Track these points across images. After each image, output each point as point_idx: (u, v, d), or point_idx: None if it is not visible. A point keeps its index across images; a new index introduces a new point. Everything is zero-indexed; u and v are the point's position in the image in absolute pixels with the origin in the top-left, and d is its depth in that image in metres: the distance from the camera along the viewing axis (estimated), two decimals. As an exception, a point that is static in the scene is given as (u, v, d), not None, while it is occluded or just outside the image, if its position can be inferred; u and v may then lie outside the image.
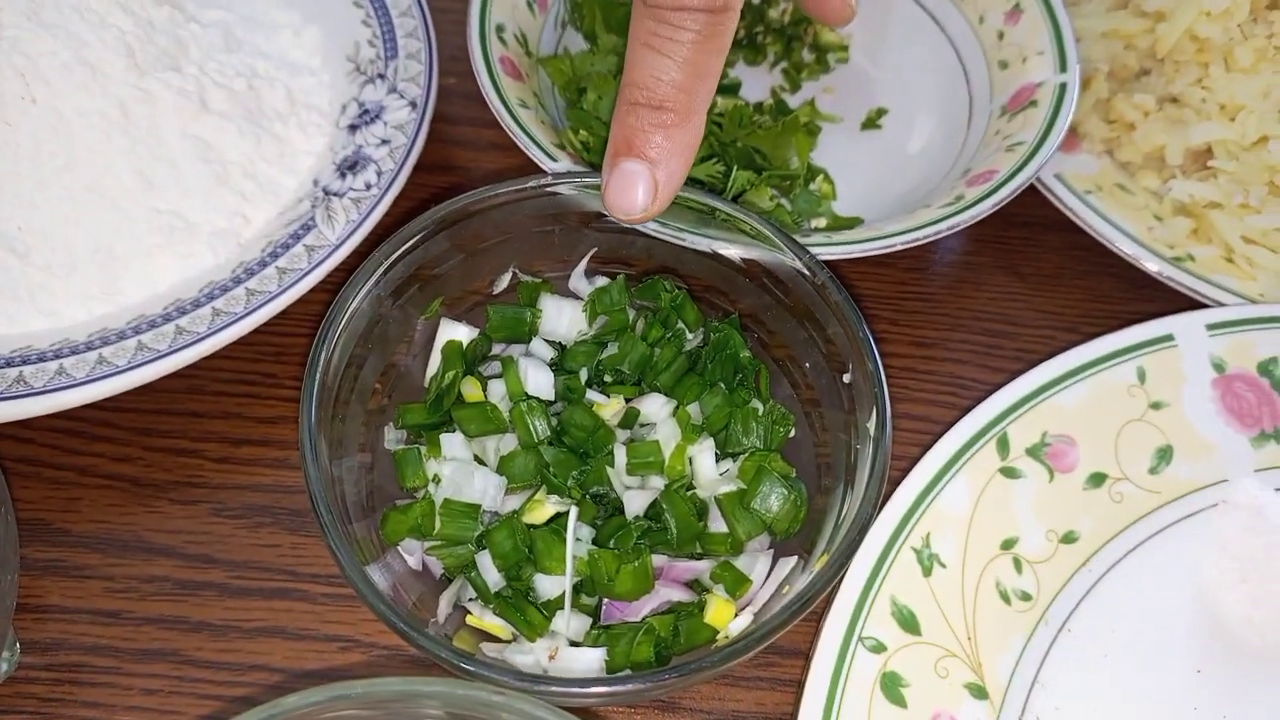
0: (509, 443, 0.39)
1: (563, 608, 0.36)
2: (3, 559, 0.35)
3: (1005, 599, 0.39)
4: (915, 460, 0.40)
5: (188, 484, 0.45)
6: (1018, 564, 0.40)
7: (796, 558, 0.38)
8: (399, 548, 0.38)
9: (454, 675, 0.32)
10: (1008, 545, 0.40)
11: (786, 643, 0.40)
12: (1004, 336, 0.50)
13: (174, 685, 0.40)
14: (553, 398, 0.40)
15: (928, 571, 0.39)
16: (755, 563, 0.38)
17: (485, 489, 0.38)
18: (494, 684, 0.30)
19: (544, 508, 0.37)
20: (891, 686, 0.37)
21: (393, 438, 0.40)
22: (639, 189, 0.37)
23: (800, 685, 0.36)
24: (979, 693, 0.37)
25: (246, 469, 0.46)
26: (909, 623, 0.38)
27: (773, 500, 0.37)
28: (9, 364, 0.42)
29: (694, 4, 0.35)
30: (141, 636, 0.41)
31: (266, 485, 0.45)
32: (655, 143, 0.37)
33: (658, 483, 0.39)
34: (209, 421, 0.47)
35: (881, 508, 0.38)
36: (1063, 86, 0.49)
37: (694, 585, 0.38)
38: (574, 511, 0.36)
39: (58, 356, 0.43)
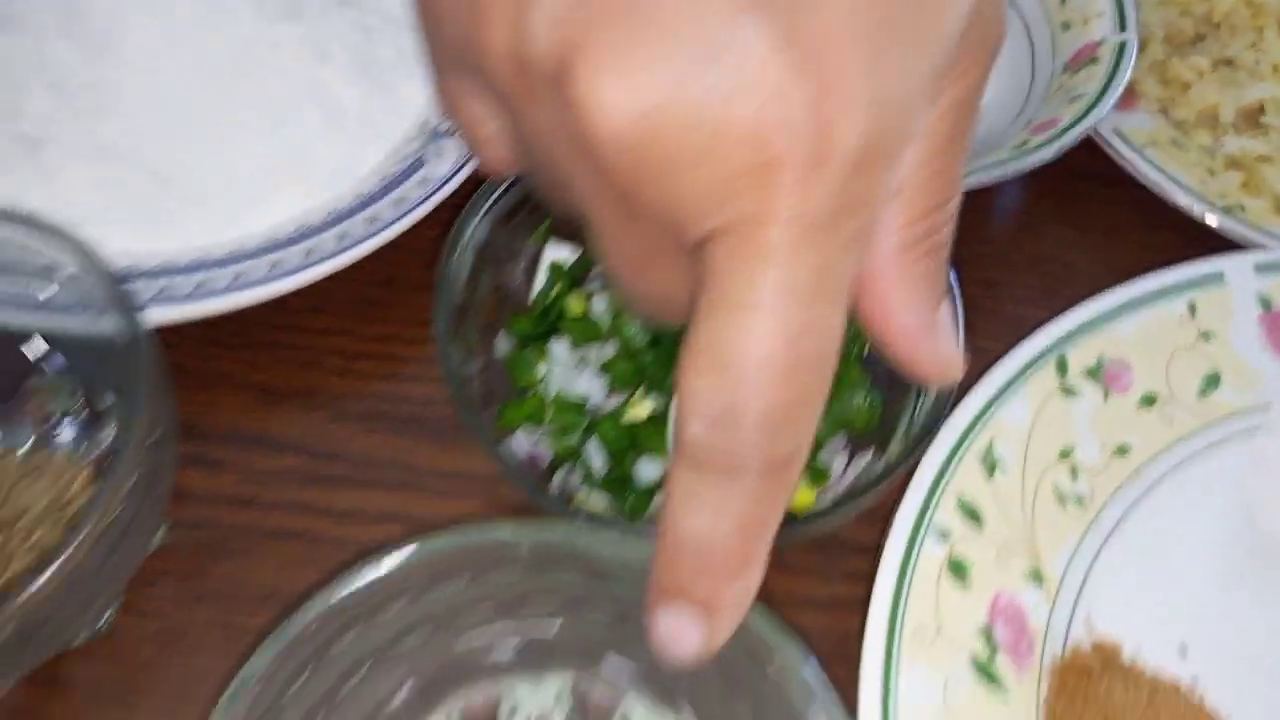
0: (609, 350, 0.44)
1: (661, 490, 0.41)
2: (166, 436, 0.39)
3: (1061, 502, 0.43)
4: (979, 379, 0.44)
5: (311, 392, 0.50)
6: (1073, 471, 0.44)
7: (872, 452, 0.42)
8: (510, 442, 0.43)
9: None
10: (1064, 455, 0.44)
11: (855, 539, 0.44)
12: (1063, 281, 0.54)
13: (305, 557, 0.45)
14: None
15: (990, 474, 0.43)
16: (834, 458, 0.42)
17: (590, 389, 0.42)
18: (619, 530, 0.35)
19: (644, 404, 0.41)
20: (957, 569, 0.40)
21: (504, 346, 0.45)
22: (688, 640, 0.29)
23: (870, 576, 0.40)
24: (1037, 579, 0.41)
25: (363, 381, 0.50)
26: (973, 516, 0.42)
27: (851, 403, 0.41)
28: (154, 275, 0.47)
29: (749, 464, 0.26)
30: (272, 520, 0.46)
31: (383, 394, 0.50)
32: (705, 594, 0.28)
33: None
34: (328, 338, 0.52)
35: (950, 411, 0.42)
36: (1122, 44, 0.53)
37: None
38: (675, 399, 0.40)
39: (200, 268, 0.48)
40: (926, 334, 0.28)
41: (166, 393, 0.40)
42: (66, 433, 0.46)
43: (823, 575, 0.44)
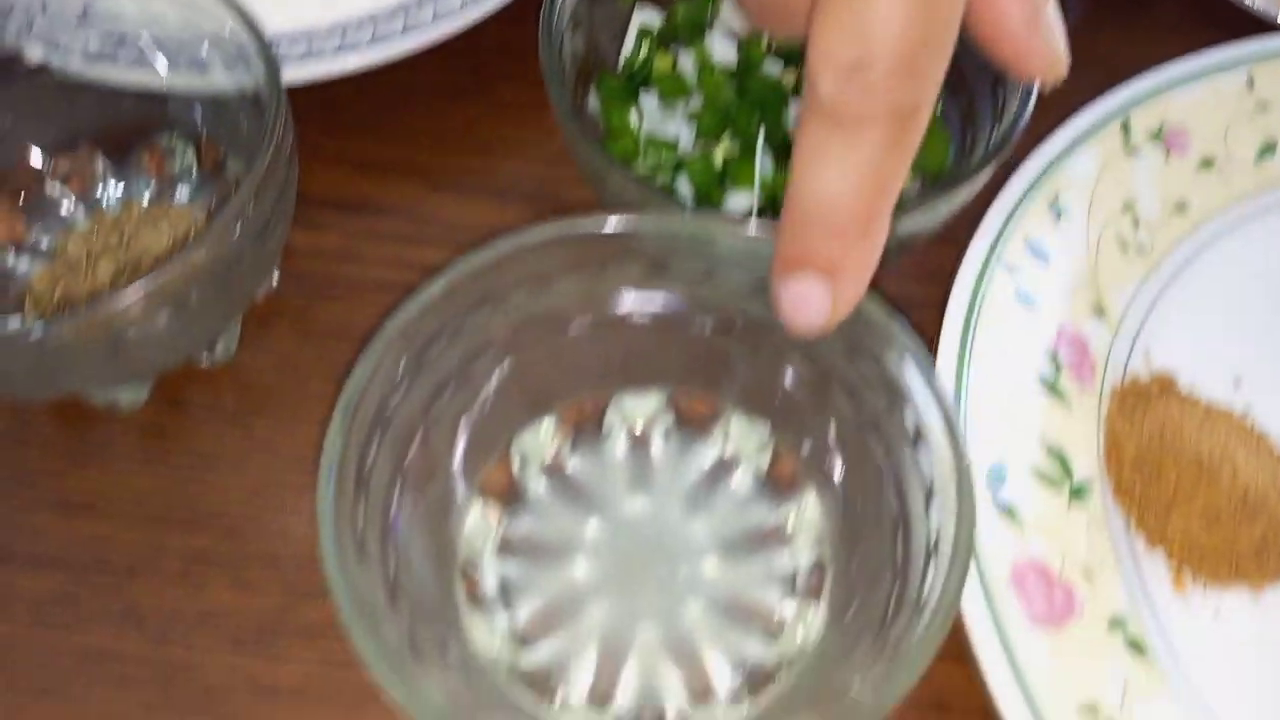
0: (696, 103, 0.46)
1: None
2: (287, 183, 0.42)
3: (1124, 249, 0.46)
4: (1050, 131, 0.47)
5: (405, 165, 0.53)
6: (1135, 223, 0.46)
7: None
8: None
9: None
10: (1127, 208, 0.47)
11: (924, 270, 0.47)
12: (1124, 76, 0.56)
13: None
14: (734, 67, 0.47)
15: (1056, 219, 0.45)
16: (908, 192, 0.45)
17: (679, 133, 0.45)
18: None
19: (730, 145, 0.44)
20: (1024, 298, 0.43)
21: (595, 102, 0.48)
22: (815, 307, 0.31)
23: (946, 279, 0.43)
24: (1099, 313, 0.44)
25: (456, 156, 0.53)
26: (1039, 253, 0.44)
27: (926, 144, 0.44)
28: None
29: (878, 112, 0.28)
30: (373, 273, 0.49)
31: (475, 168, 0.53)
32: (831, 257, 0.30)
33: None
34: (420, 119, 0.55)
35: (1021, 159, 0.45)
36: None
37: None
38: (762, 131, 0.43)
39: (305, 40, 0.50)
40: (1035, 29, 0.29)
41: (290, 145, 0.43)
42: (184, 190, 0.49)
43: (900, 280, 0.47)
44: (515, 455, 0.40)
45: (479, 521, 0.38)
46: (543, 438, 0.41)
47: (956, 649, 0.38)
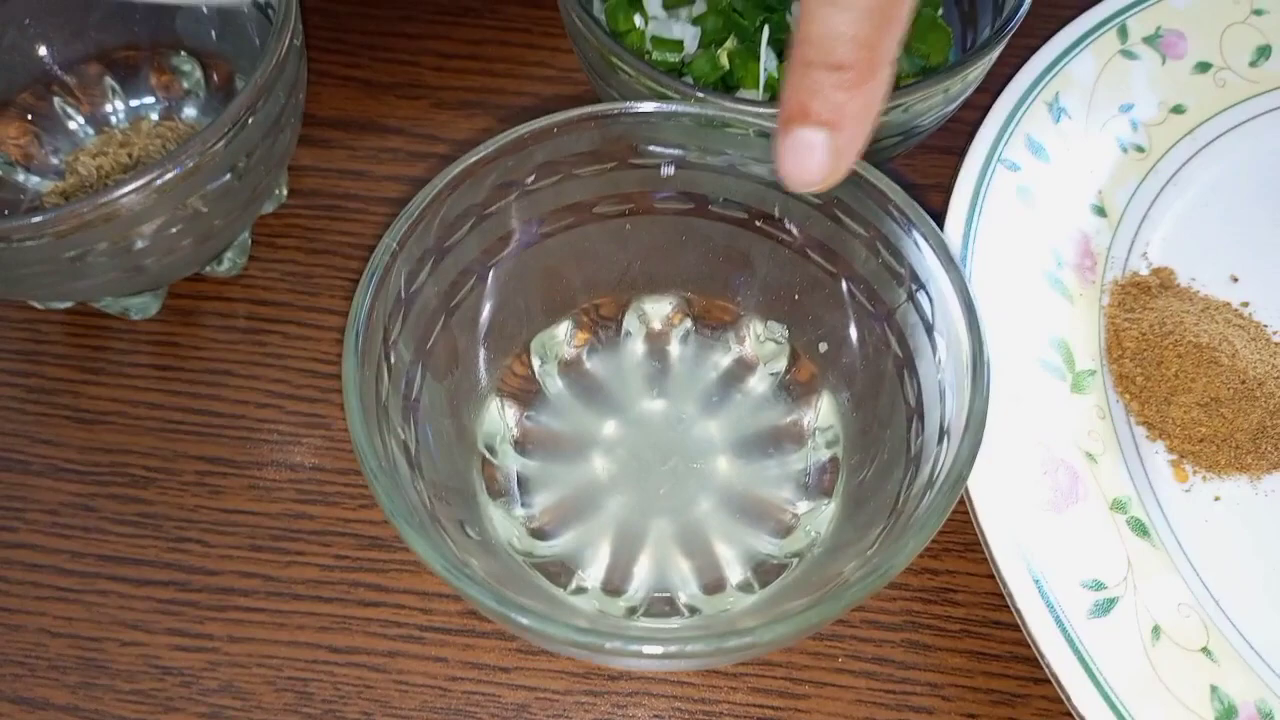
0: (699, 7, 0.47)
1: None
2: (298, 81, 0.42)
3: (1122, 149, 0.46)
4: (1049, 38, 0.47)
5: (410, 85, 0.53)
6: (1133, 124, 0.47)
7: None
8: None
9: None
10: (1125, 109, 0.47)
11: (928, 179, 0.48)
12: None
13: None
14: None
15: (1056, 119, 0.46)
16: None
17: (684, 34, 0.45)
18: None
19: (733, 43, 0.45)
20: (1025, 196, 0.44)
21: (600, 8, 0.48)
22: (815, 159, 0.31)
23: (948, 190, 0.43)
24: (1100, 212, 0.45)
25: (458, 75, 0.54)
26: (1040, 152, 0.45)
27: (928, 38, 0.44)
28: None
29: None
30: (381, 188, 0.50)
31: (478, 86, 0.53)
32: (834, 104, 0.30)
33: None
34: (423, 41, 0.55)
35: (1021, 63, 0.46)
36: None
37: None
38: (765, 29, 0.43)
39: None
40: None
41: (300, 44, 0.43)
42: (193, 108, 0.49)
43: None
44: (535, 354, 0.41)
45: (497, 416, 0.39)
46: (562, 337, 0.41)
47: (964, 543, 0.38)
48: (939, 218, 0.41)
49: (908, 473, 0.34)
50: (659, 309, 0.42)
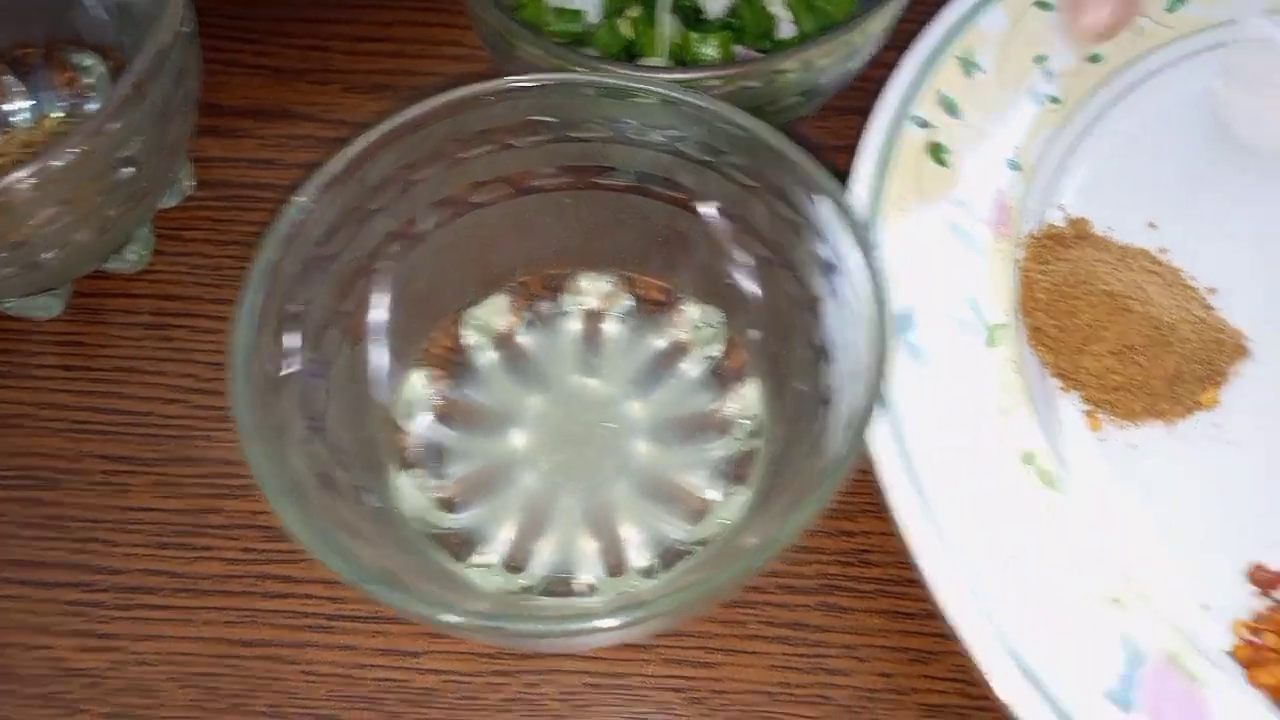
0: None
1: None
2: (187, 67, 0.41)
3: (1037, 101, 0.46)
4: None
5: (321, 70, 0.53)
6: (1048, 75, 0.46)
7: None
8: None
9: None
10: (1039, 60, 0.46)
11: (841, 140, 0.47)
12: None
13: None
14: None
15: (968, 74, 0.45)
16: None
17: (588, 3, 0.44)
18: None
19: (635, 9, 0.44)
20: (935, 152, 0.43)
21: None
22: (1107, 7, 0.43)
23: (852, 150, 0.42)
24: (1014, 166, 0.44)
25: (370, 59, 0.53)
26: (952, 108, 0.44)
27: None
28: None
29: None
30: (291, 176, 0.49)
31: (388, 70, 0.52)
32: None
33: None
34: (334, 26, 0.54)
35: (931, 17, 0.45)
36: None
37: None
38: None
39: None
40: None
41: (190, 27, 0.42)
42: (98, 104, 0.48)
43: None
44: (467, 326, 0.40)
45: (419, 386, 0.38)
46: (495, 311, 0.41)
47: (878, 505, 0.38)
48: (845, 179, 0.41)
49: (810, 458, 0.33)
50: (597, 287, 0.41)
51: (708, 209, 0.37)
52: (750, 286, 0.38)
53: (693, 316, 0.40)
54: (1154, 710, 0.33)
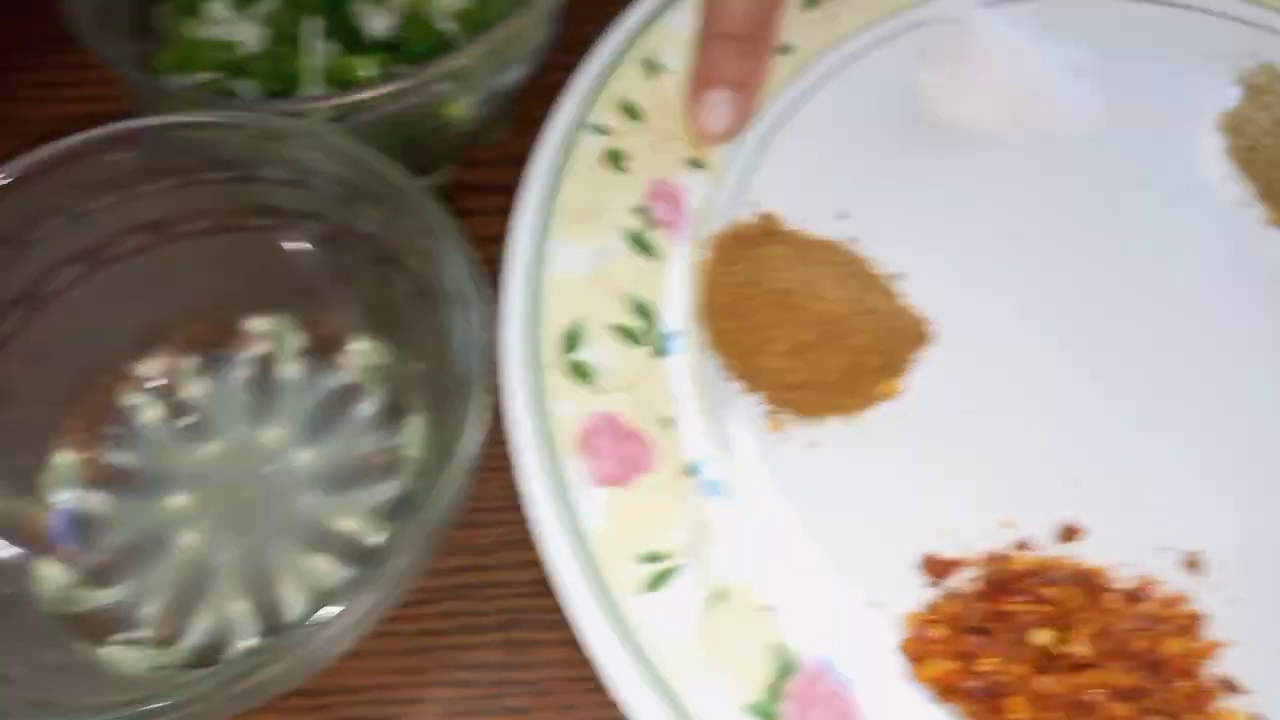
0: (269, 4, 0.44)
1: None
2: None
3: (726, 95, 0.45)
4: None
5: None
6: (738, 70, 0.45)
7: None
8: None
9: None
10: (729, 56, 0.45)
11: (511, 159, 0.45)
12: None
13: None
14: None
15: (653, 76, 0.44)
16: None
17: (251, 37, 0.43)
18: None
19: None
20: (615, 159, 0.42)
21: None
22: (726, 112, 0.42)
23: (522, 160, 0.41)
24: (698, 165, 0.43)
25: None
26: (634, 112, 0.43)
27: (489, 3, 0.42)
28: None
29: None
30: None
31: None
32: (740, 68, 0.43)
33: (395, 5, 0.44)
34: None
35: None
36: None
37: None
38: (315, 22, 0.41)
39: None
40: None
41: None
42: None
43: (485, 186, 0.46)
44: (124, 384, 0.39)
45: (68, 455, 0.37)
46: (156, 366, 0.39)
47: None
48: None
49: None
50: (265, 330, 0.40)
51: (354, 245, 0.36)
52: (404, 319, 0.37)
53: (362, 354, 0.39)
54: (799, 718, 0.32)
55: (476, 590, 0.38)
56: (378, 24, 0.43)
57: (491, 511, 0.37)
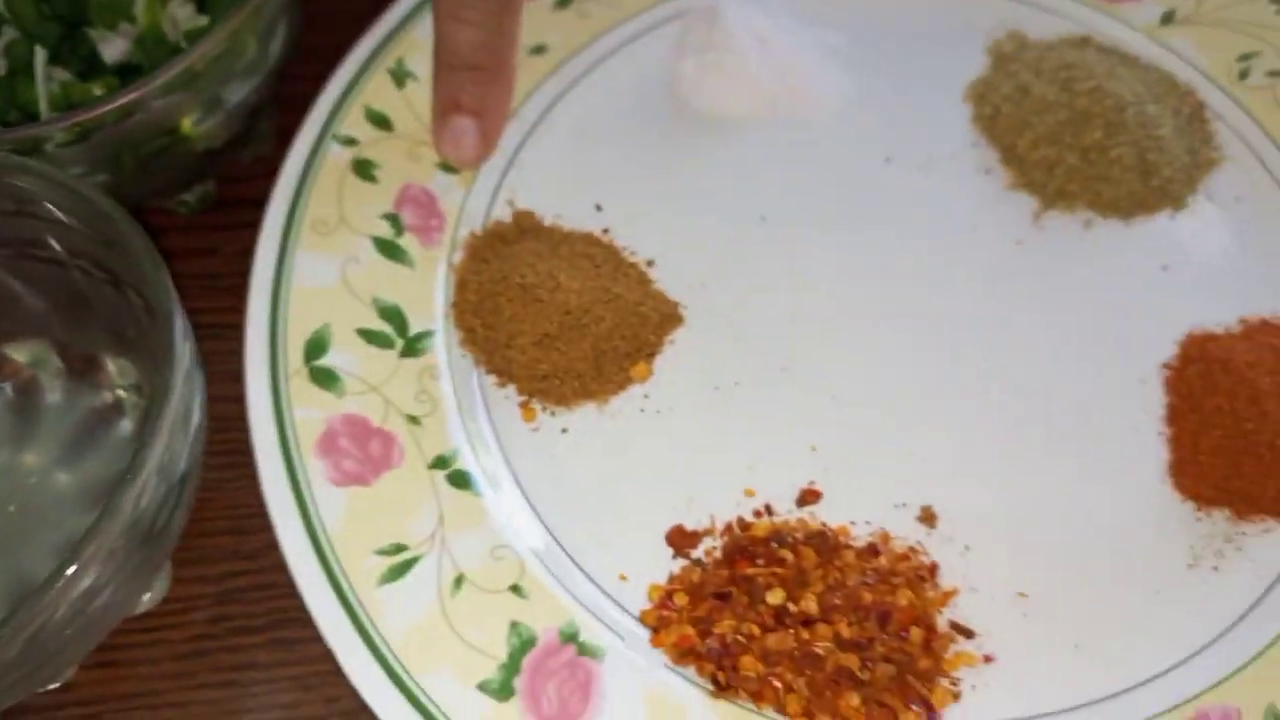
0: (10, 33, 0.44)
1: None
2: None
3: (477, 100, 0.46)
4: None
5: None
6: (491, 74, 0.46)
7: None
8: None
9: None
10: (479, 60, 0.46)
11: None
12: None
13: None
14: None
15: (401, 84, 0.45)
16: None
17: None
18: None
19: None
20: (363, 169, 0.43)
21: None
22: (469, 139, 0.43)
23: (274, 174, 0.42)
24: (450, 169, 0.44)
25: None
26: (382, 121, 0.44)
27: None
28: None
29: None
30: None
31: None
32: (476, 96, 0.43)
33: (131, 30, 0.44)
34: None
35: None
36: None
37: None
38: (40, 52, 0.42)
39: None
40: None
41: None
42: None
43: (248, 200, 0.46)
44: None
45: None
46: None
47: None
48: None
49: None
50: (23, 355, 0.40)
51: (90, 269, 0.37)
52: (144, 337, 0.37)
53: (116, 372, 0.40)
54: (532, 692, 0.34)
55: (245, 594, 0.39)
56: (114, 49, 0.43)
57: (259, 517, 0.38)
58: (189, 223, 0.46)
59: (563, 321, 0.40)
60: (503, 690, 0.33)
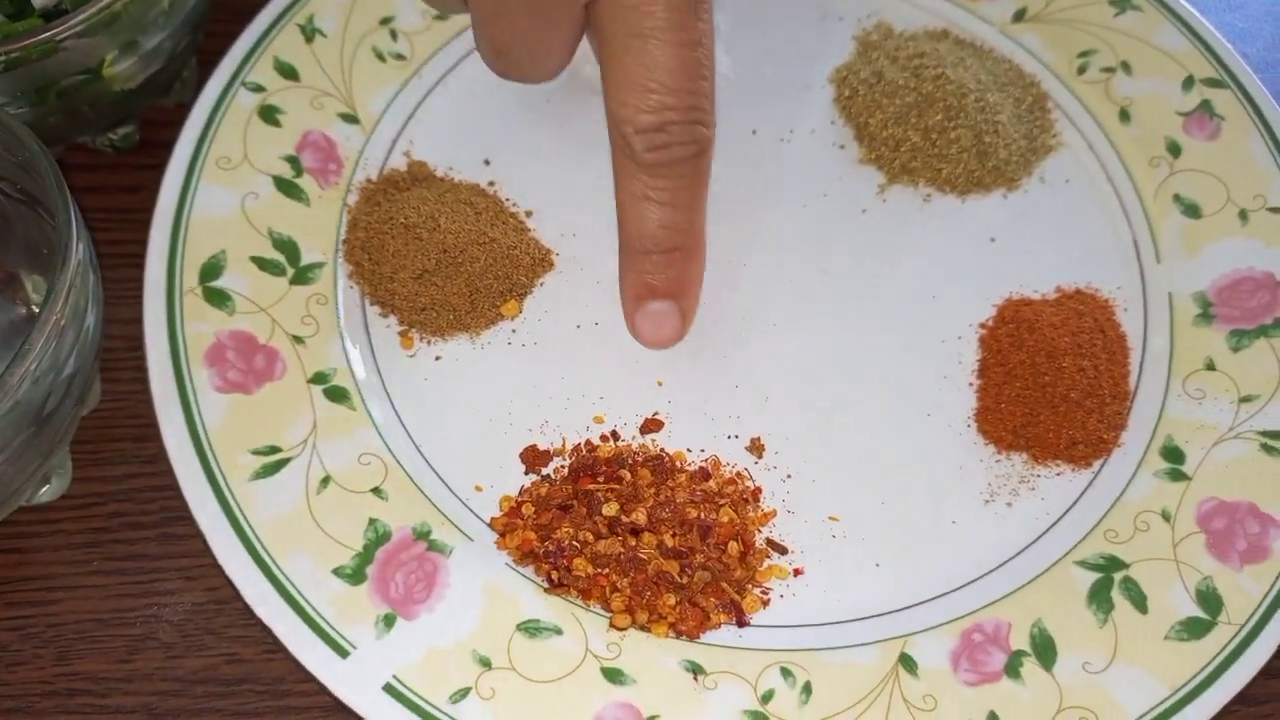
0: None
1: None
2: None
3: (380, 58, 0.50)
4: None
5: None
6: (394, 35, 0.51)
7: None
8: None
9: None
10: (385, 21, 0.51)
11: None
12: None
13: None
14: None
15: (309, 39, 0.49)
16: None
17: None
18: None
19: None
20: (267, 114, 0.47)
21: None
22: (669, 324, 0.41)
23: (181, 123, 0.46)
24: (351, 120, 0.48)
25: None
26: (289, 72, 0.48)
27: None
28: None
29: (685, 154, 0.37)
30: None
31: None
32: (673, 279, 0.40)
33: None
34: None
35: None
36: None
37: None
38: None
39: None
40: None
41: None
42: None
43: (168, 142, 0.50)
44: None
45: None
46: None
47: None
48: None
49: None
50: None
51: (12, 190, 0.41)
52: (54, 256, 0.41)
53: (32, 289, 0.43)
54: (381, 578, 0.38)
55: (141, 494, 0.43)
56: (42, -2, 0.47)
57: (158, 426, 0.42)
58: (115, 161, 0.50)
59: (440, 259, 0.44)
60: (355, 576, 0.38)
